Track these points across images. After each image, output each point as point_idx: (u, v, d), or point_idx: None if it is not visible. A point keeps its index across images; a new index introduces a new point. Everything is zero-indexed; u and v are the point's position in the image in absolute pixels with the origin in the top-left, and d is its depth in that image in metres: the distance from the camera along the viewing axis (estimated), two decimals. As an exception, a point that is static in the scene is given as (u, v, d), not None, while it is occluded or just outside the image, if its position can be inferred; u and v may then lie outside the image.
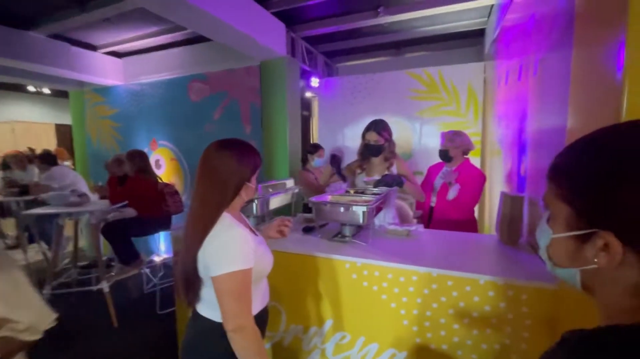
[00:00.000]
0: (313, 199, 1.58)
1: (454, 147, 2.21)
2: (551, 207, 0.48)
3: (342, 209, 1.46)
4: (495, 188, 2.83)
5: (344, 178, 1.81)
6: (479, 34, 3.52)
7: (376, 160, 2.10)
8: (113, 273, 2.71)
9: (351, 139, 3.77)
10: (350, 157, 3.44)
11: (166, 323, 2.54)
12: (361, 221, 1.45)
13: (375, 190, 1.89)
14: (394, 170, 2.06)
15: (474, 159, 3.24)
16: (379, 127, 2.03)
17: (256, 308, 1.00)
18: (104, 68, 3.80)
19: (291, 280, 1.51)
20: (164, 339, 2.32)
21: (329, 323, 1.46)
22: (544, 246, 0.50)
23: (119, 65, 3.97)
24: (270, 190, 1.84)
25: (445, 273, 1.21)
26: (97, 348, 2.29)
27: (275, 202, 1.90)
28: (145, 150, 3.94)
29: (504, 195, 1.51)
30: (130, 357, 2.19)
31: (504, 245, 1.51)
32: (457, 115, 3.30)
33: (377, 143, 2.00)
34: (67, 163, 4.10)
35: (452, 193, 2.13)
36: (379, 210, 1.67)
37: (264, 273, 1.02)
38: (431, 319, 1.25)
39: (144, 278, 3.17)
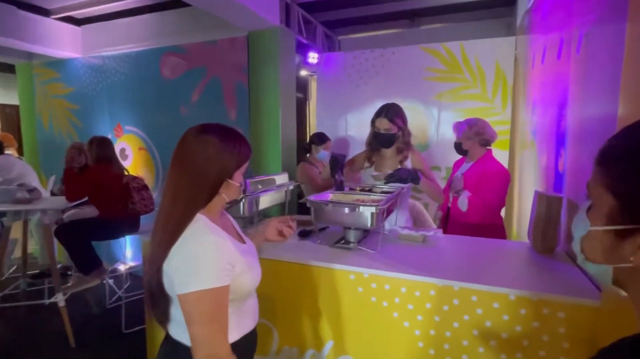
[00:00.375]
0: (311, 198, 1.57)
1: (467, 138, 2.21)
2: (594, 196, 0.49)
3: (346, 210, 1.46)
4: (527, 187, 2.85)
5: (339, 185, 1.79)
6: (510, 2, 3.51)
7: (387, 152, 2.10)
8: (69, 284, 2.69)
9: (355, 128, 3.76)
10: (355, 150, 3.44)
11: (133, 343, 2.54)
12: (369, 224, 1.45)
13: (386, 187, 1.89)
14: (409, 164, 2.06)
15: (502, 152, 3.26)
16: (391, 112, 2.03)
17: (243, 330, 0.99)
18: (58, 38, 3.75)
19: (285, 293, 1.51)
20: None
21: (329, 345, 1.46)
22: (579, 238, 0.52)
23: (77, 34, 3.92)
24: (260, 187, 1.84)
25: (469, 287, 1.22)
26: (50, 372, 2.29)
27: (266, 201, 1.90)
28: (109, 137, 3.91)
29: (538, 195, 1.52)
30: (91, 384, 2.20)
31: (538, 253, 1.52)
32: (482, 100, 3.31)
33: (389, 131, 2.00)
34: (12, 151, 4.04)
35: (462, 204, 2.12)
36: (390, 211, 1.68)
37: (250, 290, 0.99)
38: (451, 341, 1.26)
39: (106, 290, 3.17)
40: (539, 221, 1.52)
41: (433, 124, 3.52)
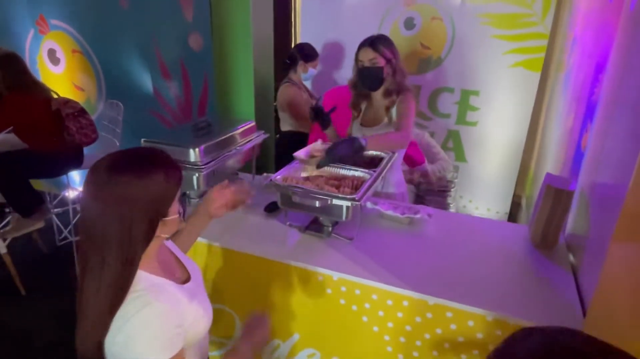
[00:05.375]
0: (274, 179, 1.60)
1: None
2: None
3: (317, 203, 1.50)
4: (550, 123, 2.84)
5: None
6: None
7: (378, 97, 2.05)
8: (8, 228, 2.82)
9: (352, 35, 3.53)
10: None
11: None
12: (343, 218, 1.52)
13: (376, 152, 1.89)
14: (393, 113, 2.00)
15: (532, 74, 3.16)
16: (376, 41, 1.93)
17: None
18: None
19: (247, 284, 1.66)
20: None
21: (295, 337, 1.66)
22: None
23: None
24: (219, 151, 1.83)
25: (445, 304, 1.35)
26: (2, 324, 2.56)
27: (231, 163, 1.92)
28: (31, 33, 3.64)
29: (546, 186, 1.56)
30: (46, 330, 2.49)
31: (535, 248, 1.63)
32: (518, 3, 3.07)
33: (375, 64, 1.91)
34: None
35: None
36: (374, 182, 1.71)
37: (204, 332, 1.07)
38: (421, 350, 1.44)
39: (54, 226, 3.33)
40: (542, 213, 1.58)
41: (449, 32, 3.32)
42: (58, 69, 3.66)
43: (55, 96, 2.81)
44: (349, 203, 1.47)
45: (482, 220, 1.98)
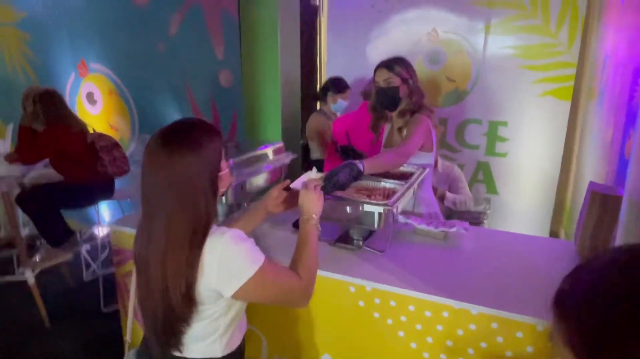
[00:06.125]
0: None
1: None
2: (557, 350, 0.54)
3: (347, 209, 1.45)
4: (589, 158, 2.75)
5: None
6: None
7: (395, 117, 2.04)
8: (37, 259, 2.85)
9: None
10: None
11: (112, 323, 2.71)
12: (375, 226, 1.46)
13: (406, 168, 1.86)
14: (404, 134, 1.97)
15: (562, 103, 3.12)
16: (392, 62, 1.94)
17: (237, 342, 1.18)
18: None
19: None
20: (109, 341, 2.49)
21: (325, 358, 1.55)
22: None
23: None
24: (247, 167, 1.83)
25: (489, 312, 1.24)
26: (25, 354, 2.51)
27: (260, 181, 1.91)
28: (72, 76, 3.87)
29: (591, 192, 1.47)
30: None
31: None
32: (543, 34, 3.09)
33: (390, 84, 1.91)
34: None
35: None
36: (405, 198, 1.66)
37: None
38: (464, 369, 1.32)
39: (82, 261, 3.34)
40: (588, 223, 1.49)
41: (475, 63, 3.34)
42: (95, 110, 3.84)
43: (91, 130, 2.92)
44: (381, 209, 1.42)
45: (522, 236, 1.87)
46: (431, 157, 2.00)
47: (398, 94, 1.93)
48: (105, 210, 3.93)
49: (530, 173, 3.32)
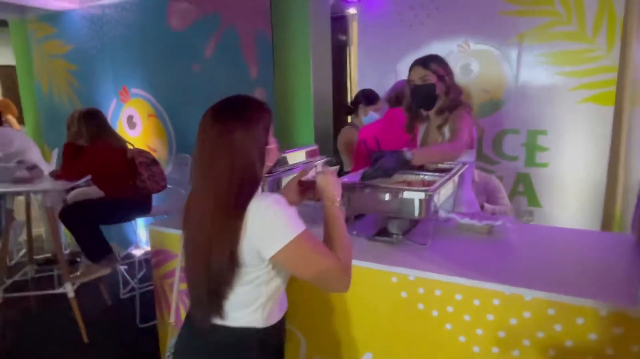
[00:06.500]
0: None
1: None
2: None
3: (387, 196, 1.41)
4: (635, 159, 2.63)
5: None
6: None
7: (432, 116, 1.99)
8: (78, 273, 2.90)
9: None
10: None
11: (149, 339, 2.72)
12: (416, 213, 1.40)
13: (443, 164, 1.81)
14: (446, 131, 1.91)
15: (605, 109, 3.00)
16: (427, 60, 1.91)
17: (282, 312, 1.22)
18: (50, -15, 3.86)
19: (313, 295, 1.53)
20: (146, 356, 2.50)
21: (367, 357, 1.47)
22: None
23: (71, -21, 4.01)
24: (283, 165, 1.83)
25: (545, 297, 1.15)
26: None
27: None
28: (113, 102, 4.06)
29: (648, 174, 1.38)
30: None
31: (644, 251, 1.41)
32: (580, 39, 3.02)
33: (426, 81, 1.87)
34: (11, 120, 4.30)
35: None
36: (445, 195, 1.60)
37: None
38: (520, 363, 1.22)
39: (119, 278, 3.39)
40: (648, 208, 1.39)
41: (510, 73, 3.29)
42: (135, 133, 3.99)
43: (130, 147, 3.01)
44: (422, 195, 1.36)
45: (574, 230, 1.76)
46: (472, 154, 1.94)
47: (434, 91, 1.89)
48: (141, 229, 4.01)
49: (574, 183, 3.17)
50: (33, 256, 3.33)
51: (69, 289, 2.75)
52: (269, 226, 1.02)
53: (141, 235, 4.04)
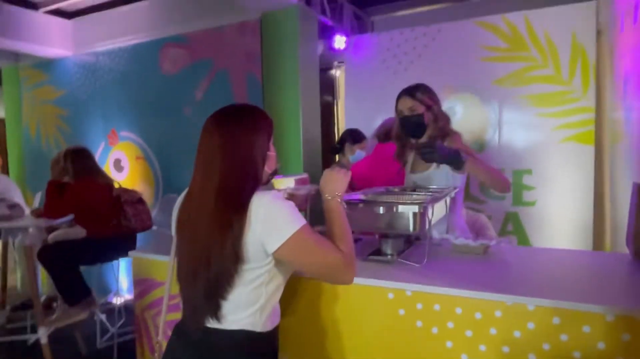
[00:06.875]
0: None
1: None
2: None
3: (381, 210, 1.38)
4: (624, 194, 2.66)
5: None
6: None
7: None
8: (53, 317, 2.74)
9: (394, 124, 3.70)
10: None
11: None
12: (410, 228, 1.37)
13: (434, 187, 1.80)
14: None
15: (586, 148, 3.09)
16: (414, 90, 1.95)
17: (274, 322, 1.17)
18: (47, 33, 3.97)
19: (304, 315, 1.45)
20: None
21: (363, 386, 1.37)
22: None
23: (67, 28, 4.14)
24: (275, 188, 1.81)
25: (549, 305, 1.11)
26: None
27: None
28: (102, 145, 4.05)
29: (638, 188, 1.39)
30: None
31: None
32: (557, 82, 3.17)
33: (414, 111, 1.92)
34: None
35: None
36: (438, 217, 1.59)
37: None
38: (527, 380, 1.14)
39: (97, 325, 3.20)
40: (641, 222, 1.38)
41: (492, 119, 3.39)
42: (121, 176, 3.95)
43: (117, 185, 2.97)
44: (415, 209, 1.35)
45: (575, 251, 1.74)
46: (463, 179, 1.95)
47: (423, 121, 1.92)
48: (123, 276, 3.85)
49: (562, 221, 3.18)
50: (6, 300, 3.15)
51: (42, 334, 2.58)
52: (273, 220, 1.03)
53: (122, 282, 3.89)
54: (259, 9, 3.19)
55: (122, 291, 3.84)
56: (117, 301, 3.51)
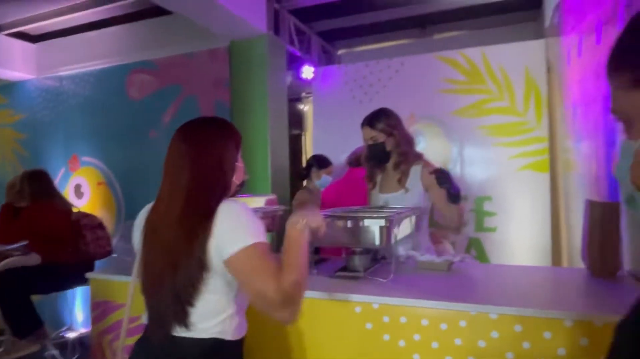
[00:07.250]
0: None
1: None
2: (628, 109, 0.55)
3: (348, 223, 1.40)
4: (576, 218, 2.79)
5: None
6: (534, 4, 3.66)
7: (389, 167, 2.08)
8: (1, 350, 2.55)
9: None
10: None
11: None
12: (377, 241, 1.39)
13: (400, 206, 1.84)
14: (416, 185, 1.98)
15: (541, 176, 3.23)
16: (373, 118, 2.00)
17: (243, 328, 1.13)
18: (9, 56, 3.88)
19: (269, 328, 1.42)
20: None
21: (331, 405, 1.34)
22: (627, 168, 0.58)
23: (31, 51, 4.07)
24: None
25: (511, 313, 1.13)
26: None
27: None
28: (62, 171, 3.91)
29: (590, 204, 1.47)
30: None
31: (597, 277, 1.44)
32: (512, 114, 3.34)
33: (376, 141, 1.97)
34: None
35: None
36: (404, 233, 1.61)
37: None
38: (493, 390, 1.15)
39: (48, 362, 2.99)
40: (594, 236, 1.45)
41: (454, 147, 3.52)
42: (81, 202, 3.81)
43: (76, 210, 2.86)
44: (382, 222, 1.37)
45: (535, 267, 1.79)
46: (428, 204, 2.00)
47: (385, 149, 1.98)
48: (79, 309, 3.65)
49: (522, 245, 3.28)
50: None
51: (-15, 369, 2.38)
52: (234, 228, 1.02)
53: (78, 315, 3.68)
54: (228, 36, 3.24)
55: (77, 324, 3.64)
56: (71, 335, 3.32)
